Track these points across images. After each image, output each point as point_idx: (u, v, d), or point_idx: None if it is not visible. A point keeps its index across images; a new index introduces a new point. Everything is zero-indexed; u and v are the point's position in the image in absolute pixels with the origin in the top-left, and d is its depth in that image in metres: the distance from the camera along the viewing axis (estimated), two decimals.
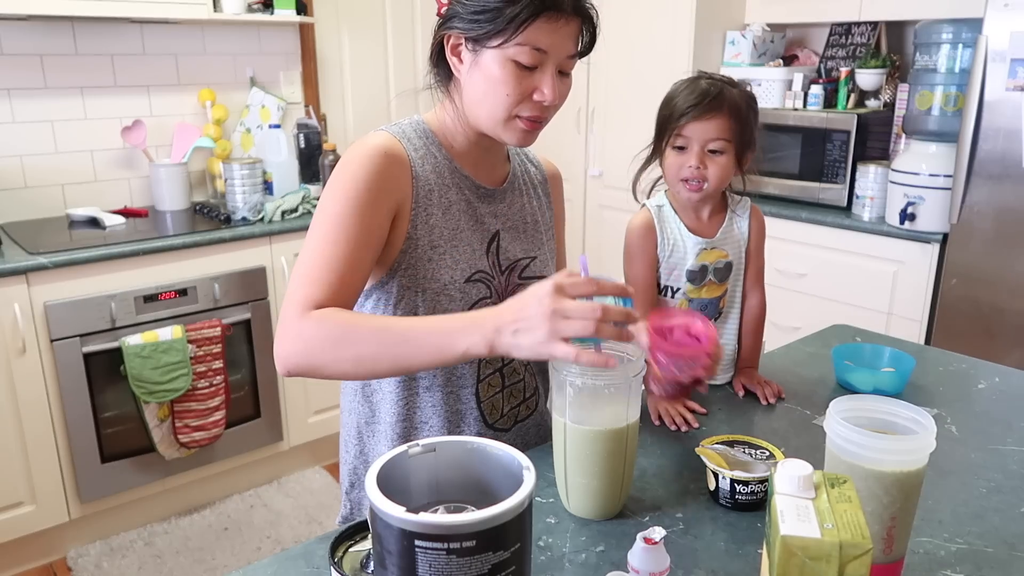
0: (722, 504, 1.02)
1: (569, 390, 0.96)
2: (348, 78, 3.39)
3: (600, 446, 0.96)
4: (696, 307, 1.36)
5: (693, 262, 1.34)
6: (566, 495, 1.02)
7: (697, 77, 1.31)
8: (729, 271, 1.37)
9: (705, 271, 1.35)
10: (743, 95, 1.29)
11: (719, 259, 1.36)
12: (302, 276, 0.99)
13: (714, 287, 1.37)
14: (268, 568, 0.92)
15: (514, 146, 1.12)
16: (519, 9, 0.97)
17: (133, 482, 2.46)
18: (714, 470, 1.01)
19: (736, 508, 1.01)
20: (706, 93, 1.25)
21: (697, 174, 1.27)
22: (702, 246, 1.34)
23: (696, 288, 1.35)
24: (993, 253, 2.37)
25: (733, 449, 1.06)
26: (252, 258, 2.59)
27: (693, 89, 1.27)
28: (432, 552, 0.60)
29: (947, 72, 2.53)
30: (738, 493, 1.00)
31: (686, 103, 1.25)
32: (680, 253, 1.34)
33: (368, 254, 1.02)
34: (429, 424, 1.16)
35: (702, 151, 1.26)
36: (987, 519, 1.00)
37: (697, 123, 1.25)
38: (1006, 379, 1.46)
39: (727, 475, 1.00)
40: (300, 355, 0.95)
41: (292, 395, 2.78)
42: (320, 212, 1.02)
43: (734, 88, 1.29)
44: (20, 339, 2.18)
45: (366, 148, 1.04)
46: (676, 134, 1.27)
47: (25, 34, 2.56)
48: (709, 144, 1.26)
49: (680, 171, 1.28)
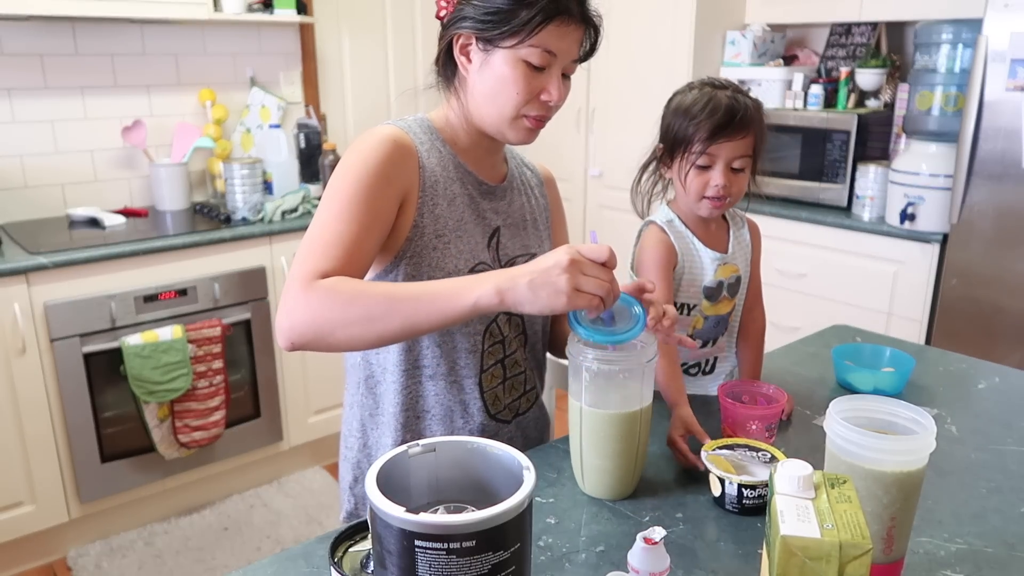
0: (728, 509, 1.01)
1: (585, 375, 0.99)
2: (348, 78, 3.39)
3: (615, 429, 1.00)
4: (711, 324, 1.34)
5: (711, 278, 1.31)
6: (582, 477, 1.06)
7: (710, 85, 1.25)
8: (739, 285, 1.35)
9: (721, 287, 1.32)
10: (757, 106, 1.25)
11: (732, 274, 1.33)
12: (309, 250, 0.99)
13: (726, 303, 1.35)
14: (268, 568, 0.92)
15: (517, 144, 1.14)
16: (534, 13, 1.01)
17: (133, 482, 2.46)
18: (720, 476, 1.01)
19: (743, 513, 1.01)
20: (733, 111, 1.20)
21: (724, 192, 1.23)
22: (719, 261, 1.31)
23: (712, 304, 1.33)
24: (993, 253, 2.37)
25: (735, 452, 1.06)
26: (252, 258, 2.59)
27: (716, 105, 1.20)
28: (432, 552, 0.60)
29: (947, 72, 2.53)
30: (745, 498, 1.00)
31: (714, 122, 1.20)
32: (698, 269, 1.31)
33: (374, 236, 1.03)
34: (431, 413, 1.17)
35: (727, 169, 1.23)
36: (987, 519, 1.00)
37: (727, 143, 1.21)
38: (1006, 379, 1.46)
39: (734, 480, 0.99)
40: (307, 324, 0.94)
41: (292, 395, 2.78)
42: (330, 192, 1.04)
43: (748, 98, 1.24)
44: (20, 339, 2.18)
45: (376, 136, 1.07)
46: (702, 152, 1.22)
47: (25, 34, 2.56)
48: (734, 162, 1.23)
49: (706, 190, 1.24)
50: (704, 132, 1.21)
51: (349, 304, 0.93)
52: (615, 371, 0.99)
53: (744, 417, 1.12)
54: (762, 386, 1.20)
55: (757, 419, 1.11)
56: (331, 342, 0.95)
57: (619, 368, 0.99)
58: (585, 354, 0.98)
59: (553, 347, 1.35)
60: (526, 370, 1.25)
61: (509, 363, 1.21)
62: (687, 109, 1.23)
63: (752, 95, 1.27)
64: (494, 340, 1.18)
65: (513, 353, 1.21)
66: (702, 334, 1.34)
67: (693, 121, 1.22)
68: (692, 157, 1.23)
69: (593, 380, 1.00)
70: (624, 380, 0.99)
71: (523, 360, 1.24)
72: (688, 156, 1.23)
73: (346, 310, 0.93)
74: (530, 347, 1.25)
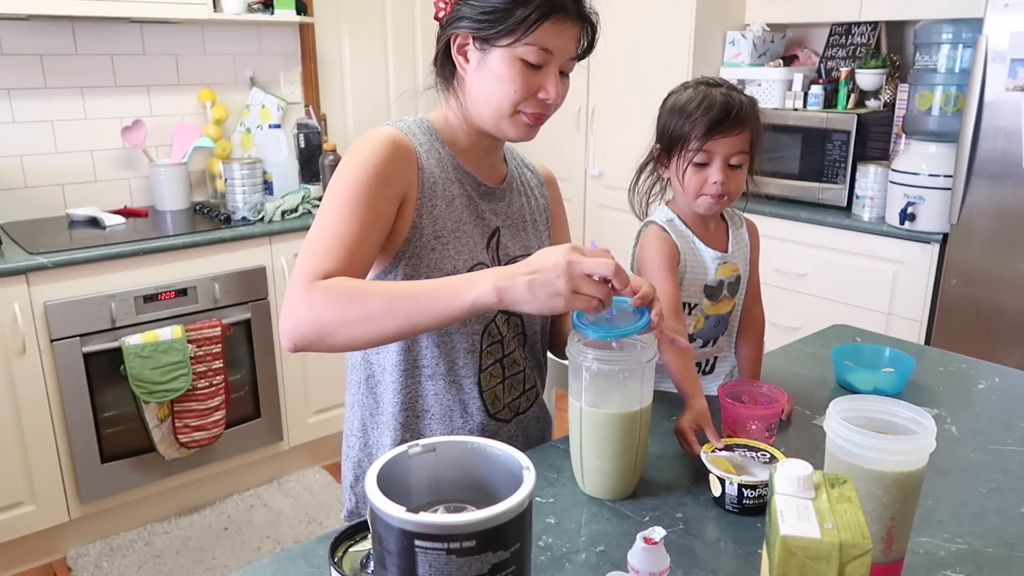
0: (728, 509, 1.01)
1: (585, 375, 1.00)
2: (348, 78, 3.39)
3: (615, 428, 1.00)
4: (712, 324, 1.34)
5: (712, 277, 1.31)
6: (582, 477, 1.06)
7: (704, 84, 1.26)
8: (738, 284, 1.36)
9: (722, 286, 1.33)
10: (752, 103, 1.25)
11: (732, 273, 1.33)
12: (310, 251, 1.00)
13: (727, 302, 1.35)
14: (268, 568, 0.92)
15: (516, 140, 1.15)
16: (530, 11, 1.02)
17: (133, 482, 2.46)
18: (721, 476, 1.00)
19: (743, 513, 1.01)
20: (728, 107, 1.21)
21: (722, 189, 1.23)
22: (720, 260, 1.31)
23: (713, 304, 1.33)
24: (993, 253, 2.37)
25: (734, 452, 1.06)
26: (252, 258, 2.59)
27: (711, 102, 1.21)
28: (432, 552, 0.60)
29: (947, 72, 2.53)
30: (745, 498, 1.00)
31: (710, 118, 1.20)
32: (700, 268, 1.31)
33: (375, 236, 1.04)
34: (431, 413, 1.18)
35: (725, 165, 1.23)
36: (987, 519, 1.00)
37: (723, 139, 1.21)
38: (1006, 379, 1.46)
39: (735, 480, 0.99)
40: (308, 324, 0.95)
41: (292, 395, 2.78)
42: (330, 193, 1.04)
43: (743, 96, 1.25)
44: (20, 339, 2.18)
45: (376, 137, 1.07)
46: (699, 150, 1.22)
47: (25, 34, 2.56)
48: (731, 158, 1.23)
49: (704, 187, 1.24)
50: (700, 129, 1.21)
51: (349, 303, 0.93)
52: (615, 371, 0.99)
53: (744, 417, 1.12)
54: (762, 386, 1.20)
55: (757, 419, 1.12)
56: (332, 343, 0.95)
57: (619, 368, 0.99)
58: (585, 354, 0.98)
59: (553, 347, 1.35)
60: (525, 369, 1.25)
61: (508, 362, 1.21)
62: (683, 107, 1.24)
63: (747, 93, 1.28)
64: (492, 340, 1.18)
65: (512, 352, 1.22)
66: (703, 334, 1.35)
67: (689, 119, 1.22)
68: (689, 155, 1.23)
69: (593, 380, 1.00)
70: (624, 380, 1.00)
71: (522, 359, 1.24)
72: (685, 154, 1.24)
73: (346, 310, 0.93)
74: (529, 347, 1.25)
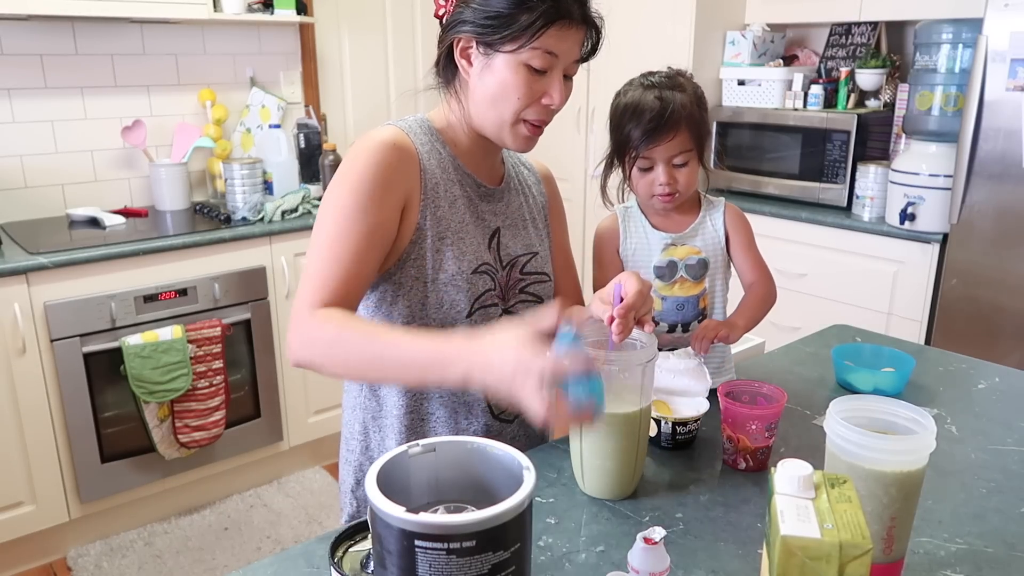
0: (664, 446, 1.17)
1: None
2: (348, 78, 3.39)
3: (615, 429, 1.01)
4: (671, 305, 1.34)
5: (659, 257, 1.33)
6: (582, 477, 1.06)
7: (642, 85, 1.27)
8: (705, 268, 1.35)
9: (675, 267, 1.34)
10: (692, 95, 1.26)
11: (690, 255, 1.34)
12: (310, 275, 1.01)
13: (689, 285, 1.34)
14: (268, 568, 0.92)
15: (514, 150, 1.14)
16: (535, 17, 1.01)
17: (133, 482, 2.46)
18: (656, 417, 1.14)
19: (676, 448, 1.17)
20: (661, 112, 1.22)
21: (670, 189, 1.27)
22: (667, 241, 1.33)
23: (667, 285, 1.34)
24: (993, 253, 2.37)
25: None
26: (252, 258, 2.59)
27: (642, 108, 1.23)
28: (432, 552, 0.60)
29: (947, 72, 2.53)
30: (678, 435, 1.16)
31: (643, 128, 1.23)
32: (644, 251, 1.34)
33: (375, 249, 1.04)
34: (436, 415, 1.17)
35: (668, 167, 1.26)
36: (987, 519, 1.00)
37: (658, 146, 1.24)
38: (1006, 379, 1.46)
39: (669, 419, 1.15)
40: (301, 355, 0.98)
41: (292, 395, 2.78)
42: (328, 206, 1.04)
43: (682, 90, 1.25)
44: (20, 339, 2.18)
45: (375, 142, 1.06)
46: (639, 157, 1.26)
47: (25, 34, 2.56)
48: (674, 159, 1.26)
49: (651, 189, 1.28)
50: (635, 139, 1.24)
51: (332, 348, 0.96)
52: (615, 371, 0.99)
53: (744, 417, 1.12)
54: (762, 386, 1.21)
55: (757, 419, 1.12)
56: (325, 374, 1.00)
57: (619, 368, 0.99)
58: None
59: None
60: None
61: None
62: (620, 114, 1.27)
63: (693, 81, 1.29)
64: None
65: None
66: (663, 316, 1.35)
67: (625, 128, 1.26)
68: (631, 162, 1.27)
69: None
70: (624, 380, 1.00)
71: None
72: (629, 160, 1.27)
73: (328, 352, 0.97)
74: None
